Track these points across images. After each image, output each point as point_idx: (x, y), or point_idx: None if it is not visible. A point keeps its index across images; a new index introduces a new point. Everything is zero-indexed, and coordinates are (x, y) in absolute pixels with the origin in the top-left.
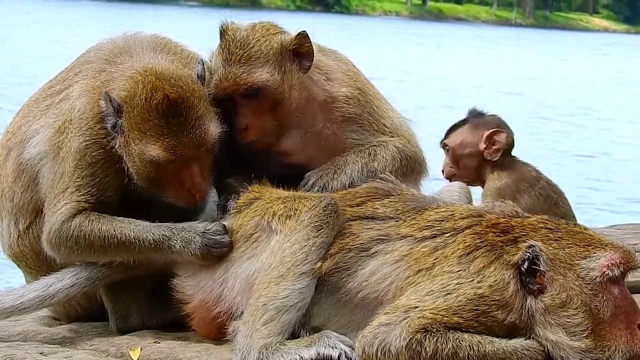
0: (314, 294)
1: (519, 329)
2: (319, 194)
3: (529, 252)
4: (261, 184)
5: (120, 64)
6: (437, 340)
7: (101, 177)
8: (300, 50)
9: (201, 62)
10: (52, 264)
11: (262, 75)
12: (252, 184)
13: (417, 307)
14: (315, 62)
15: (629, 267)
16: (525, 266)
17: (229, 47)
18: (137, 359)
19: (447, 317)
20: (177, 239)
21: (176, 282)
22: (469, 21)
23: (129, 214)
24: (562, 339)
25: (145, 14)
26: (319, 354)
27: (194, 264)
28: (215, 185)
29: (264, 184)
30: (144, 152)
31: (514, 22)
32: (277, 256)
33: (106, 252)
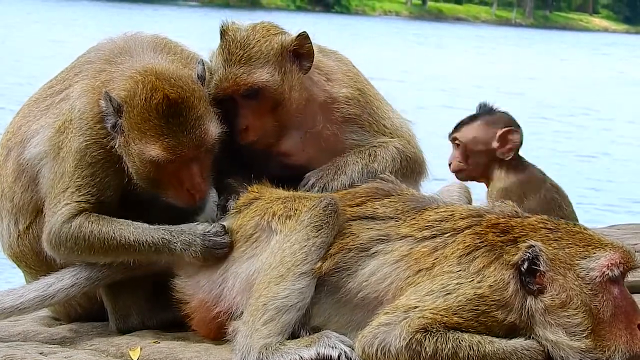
0: (314, 294)
1: (519, 329)
2: (318, 194)
3: (528, 252)
4: (261, 184)
5: (120, 64)
6: (437, 340)
7: (101, 177)
8: (300, 51)
9: (201, 62)
10: (52, 264)
11: (262, 75)
12: (252, 184)
13: (417, 307)
14: (315, 62)
15: (628, 267)
16: (525, 266)
17: (230, 47)
18: (137, 359)
19: (447, 317)
20: (177, 242)
21: (176, 282)
22: (469, 21)
23: (128, 214)
24: (562, 339)
25: (145, 14)
26: (318, 354)
27: (194, 265)
28: (215, 185)
29: (264, 184)
30: (144, 152)
31: (514, 22)
32: (277, 256)
33: (106, 254)
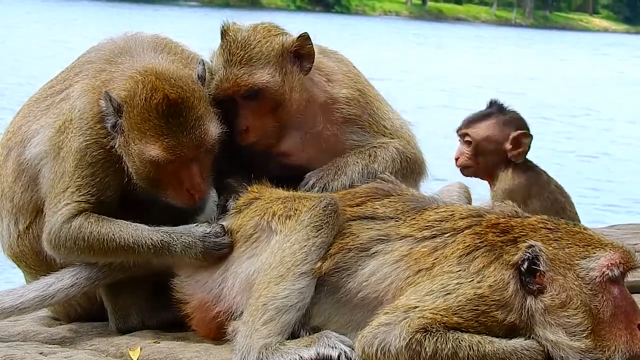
0: (313, 294)
1: (519, 329)
2: (318, 194)
3: (528, 252)
4: (261, 184)
5: (120, 63)
6: (436, 340)
7: (101, 177)
8: (301, 51)
9: (202, 62)
10: (52, 264)
11: (262, 76)
12: (252, 184)
13: (417, 307)
14: (316, 63)
15: (628, 267)
16: (525, 266)
17: (230, 48)
18: (137, 359)
19: (446, 317)
20: (177, 244)
21: (176, 282)
22: (469, 21)
23: (128, 214)
24: (561, 339)
25: (145, 14)
26: (318, 354)
27: (194, 265)
28: (215, 185)
29: (264, 184)
30: (144, 152)
31: (514, 22)
32: (277, 256)
33: (105, 255)
